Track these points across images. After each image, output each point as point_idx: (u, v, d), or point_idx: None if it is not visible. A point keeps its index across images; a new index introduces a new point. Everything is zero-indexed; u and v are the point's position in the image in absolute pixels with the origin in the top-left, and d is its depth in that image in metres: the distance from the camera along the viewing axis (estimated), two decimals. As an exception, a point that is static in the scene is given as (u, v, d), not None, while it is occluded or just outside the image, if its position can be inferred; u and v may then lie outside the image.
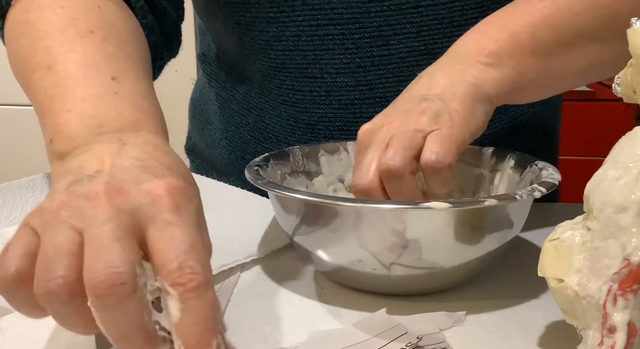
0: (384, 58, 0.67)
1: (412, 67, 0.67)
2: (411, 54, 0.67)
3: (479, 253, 0.50)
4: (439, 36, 0.66)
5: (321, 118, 0.69)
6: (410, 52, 0.67)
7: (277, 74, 0.70)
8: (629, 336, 0.37)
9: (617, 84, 0.43)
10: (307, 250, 0.52)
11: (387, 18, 0.66)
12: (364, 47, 0.67)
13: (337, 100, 0.69)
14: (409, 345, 0.43)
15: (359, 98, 0.68)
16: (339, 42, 0.67)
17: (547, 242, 0.42)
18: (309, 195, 0.50)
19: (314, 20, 0.66)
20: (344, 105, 0.69)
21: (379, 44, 0.67)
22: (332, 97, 0.69)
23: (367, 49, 0.67)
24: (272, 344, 0.45)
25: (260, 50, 0.69)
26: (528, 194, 0.48)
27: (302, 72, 0.68)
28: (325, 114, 0.69)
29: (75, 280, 0.34)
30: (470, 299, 0.51)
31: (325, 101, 0.69)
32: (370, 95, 0.68)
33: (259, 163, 0.57)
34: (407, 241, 0.47)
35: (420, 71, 0.57)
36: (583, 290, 0.38)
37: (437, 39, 0.67)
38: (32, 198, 0.64)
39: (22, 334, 0.44)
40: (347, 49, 0.67)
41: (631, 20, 0.41)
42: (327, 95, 0.69)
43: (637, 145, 0.38)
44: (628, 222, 0.37)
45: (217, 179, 0.80)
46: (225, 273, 0.55)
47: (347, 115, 0.69)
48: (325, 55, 0.67)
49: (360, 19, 0.66)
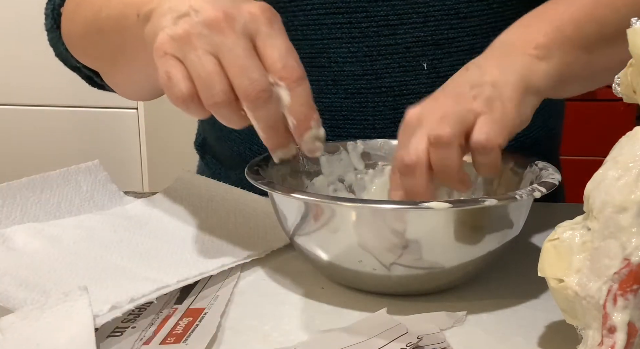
0: (391, 47, 0.68)
1: (418, 57, 0.68)
2: (417, 44, 0.68)
3: (479, 253, 0.50)
4: (445, 27, 0.67)
5: (327, 107, 0.70)
6: (416, 41, 0.67)
7: None
8: (629, 336, 0.37)
9: (617, 84, 0.43)
10: (307, 250, 0.52)
11: (394, 7, 0.67)
12: (371, 36, 0.67)
13: (344, 89, 0.69)
14: (409, 345, 0.43)
15: (365, 87, 0.69)
16: (347, 30, 0.68)
17: (547, 242, 0.42)
18: (309, 195, 0.50)
19: (323, 8, 0.67)
20: (350, 95, 0.70)
21: (386, 33, 0.67)
22: (338, 86, 0.69)
23: (374, 38, 0.68)
24: (272, 344, 0.45)
25: None
26: (528, 194, 0.48)
27: (310, 61, 0.69)
28: (332, 104, 0.70)
29: (229, 90, 0.48)
30: (470, 299, 0.51)
31: (332, 90, 0.70)
32: (376, 84, 0.69)
33: (259, 163, 0.57)
34: (407, 241, 0.47)
35: (426, 61, 0.58)
36: (583, 289, 0.38)
37: (443, 29, 0.67)
38: (32, 198, 0.64)
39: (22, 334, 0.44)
40: (354, 37, 0.68)
41: (631, 20, 0.41)
42: (333, 84, 0.69)
43: (637, 145, 0.38)
44: (628, 222, 0.37)
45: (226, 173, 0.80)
46: (225, 273, 0.54)
47: (353, 104, 0.70)
48: (333, 44, 0.68)
49: (368, 8, 0.67)
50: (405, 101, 0.69)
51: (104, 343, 0.44)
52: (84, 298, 0.45)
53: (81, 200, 0.66)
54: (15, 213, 0.62)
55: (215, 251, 0.57)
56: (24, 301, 0.48)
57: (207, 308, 0.49)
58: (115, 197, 0.69)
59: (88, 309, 0.44)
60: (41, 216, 0.63)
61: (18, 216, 0.62)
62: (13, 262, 0.55)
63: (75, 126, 1.85)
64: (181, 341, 0.44)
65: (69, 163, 0.68)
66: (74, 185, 0.66)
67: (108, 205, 0.67)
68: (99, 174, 0.68)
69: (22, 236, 0.59)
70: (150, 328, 0.46)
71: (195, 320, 0.47)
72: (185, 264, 0.54)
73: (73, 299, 0.45)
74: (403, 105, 0.69)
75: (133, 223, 0.63)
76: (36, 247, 0.58)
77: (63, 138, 1.85)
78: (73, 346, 0.42)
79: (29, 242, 0.58)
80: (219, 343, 0.45)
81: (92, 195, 0.67)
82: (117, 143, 1.83)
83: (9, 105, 1.87)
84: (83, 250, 0.57)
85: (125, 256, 0.56)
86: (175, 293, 0.51)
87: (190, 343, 0.44)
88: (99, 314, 0.45)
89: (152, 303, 0.49)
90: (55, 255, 0.56)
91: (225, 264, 0.55)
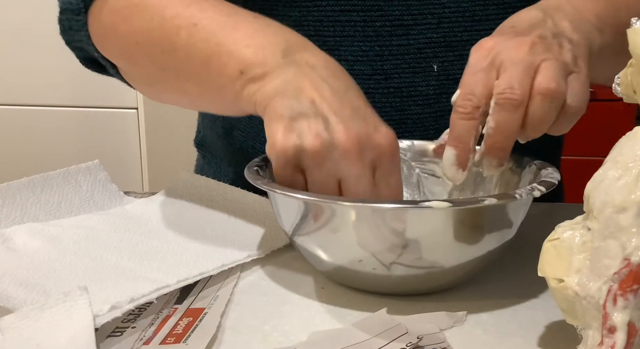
0: (403, 48, 0.68)
1: (429, 58, 0.68)
2: (429, 45, 0.68)
3: (479, 253, 0.50)
4: (458, 29, 0.67)
5: None
6: (429, 43, 0.68)
7: None
8: (629, 336, 0.37)
9: (617, 84, 0.43)
10: (307, 250, 0.52)
11: (409, 7, 0.67)
12: (384, 36, 0.67)
13: None
14: (409, 345, 0.43)
15: (373, 87, 0.69)
16: (360, 29, 0.67)
17: (547, 242, 0.42)
18: (308, 194, 0.50)
19: (337, 5, 0.67)
20: None
21: (399, 33, 0.67)
22: None
23: (386, 38, 0.68)
24: (272, 344, 0.45)
25: None
26: (527, 193, 0.48)
27: None
28: None
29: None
30: (470, 299, 0.51)
31: None
32: (385, 85, 0.69)
33: (259, 163, 0.57)
34: (407, 241, 0.47)
35: (437, 63, 0.59)
36: (583, 289, 0.38)
37: (456, 31, 0.67)
38: (32, 198, 0.64)
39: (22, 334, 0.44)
40: (367, 36, 0.68)
41: (631, 20, 0.41)
42: None
43: (637, 145, 0.38)
44: (628, 222, 0.37)
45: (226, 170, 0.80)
46: (225, 273, 0.54)
47: None
48: (345, 42, 0.68)
49: (383, 7, 0.67)
50: (412, 103, 0.69)
51: (104, 343, 0.44)
52: (84, 298, 0.45)
53: (81, 200, 0.66)
54: (15, 213, 0.62)
55: (215, 251, 0.57)
56: (24, 301, 0.48)
57: (207, 308, 0.49)
58: (115, 197, 0.69)
59: (88, 309, 0.44)
60: (41, 216, 0.63)
61: (18, 216, 0.62)
62: (13, 262, 0.55)
63: (75, 126, 1.85)
64: (181, 341, 0.44)
65: (69, 163, 0.68)
66: (74, 185, 0.67)
67: (108, 205, 0.67)
68: (99, 174, 0.69)
69: (22, 236, 0.59)
70: (150, 328, 0.46)
71: (195, 320, 0.47)
72: (185, 264, 0.54)
73: (73, 299, 0.45)
74: (410, 107, 0.69)
75: (133, 223, 0.63)
76: (36, 247, 0.58)
77: (63, 138, 1.85)
78: (73, 346, 0.42)
79: (29, 242, 0.58)
80: (219, 343, 0.45)
81: (92, 195, 0.67)
82: (117, 143, 1.83)
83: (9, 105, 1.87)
84: (83, 250, 0.57)
85: (125, 256, 0.56)
86: (175, 293, 0.51)
87: (190, 343, 0.44)
88: (99, 314, 0.45)
89: (152, 303, 0.49)
90: (55, 255, 0.56)
91: (225, 264, 0.55)
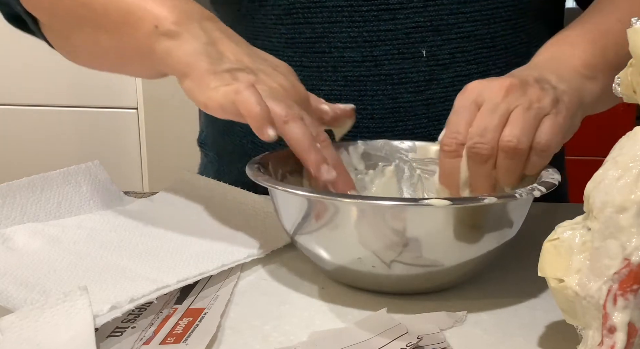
0: (390, 33, 0.68)
1: (417, 43, 0.68)
2: (417, 30, 0.68)
3: (479, 252, 0.50)
4: (444, 12, 0.68)
5: (327, 95, 0.70)
6: (415, 27, 0.68)
7: (286, 50, 0.71)
8: (629, 336, 0.37)
9: (617, 84, 0.43)
10: (308, 248, 0.52)
11: None
12: (371, 20, 0.68)
13: (343, 76, 0.70)
14: (409, 345, 0.43)
15: (364, 74, 0.69)
16: (347, 14, 0.68)
17: (547, 242, 0.42)
18: (309, 191, 0.50)
19: None
20: (349, 82, 0.70)
21: (386, 17, 0.68)
22: (338, 73, 0.70)
23: (374, 23, 0.68)
24: (272, 344, 0.45)
25: (271, 25, 0.71)
26: (527, 193, 0.48)
27: (310, 46, 0.70)
28: (331, 91, 0.70)
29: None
30: (470, 299, 0.51)
31: (332, 77, 0.70)
32: (375, 71, 0.69)
33: (260, 161, 0.57)
34: (407, 239, 0.47)
35: (425, 48, 0.59)
36: (583, 289, 0.38)
37: (442, 14, 0.68)
38: (32, 198, 0.64)
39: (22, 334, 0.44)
40: (354, 21, 0.68)
41: (631, 20, 0.41)
42: (333, 71, 0.70)
43: (637, 145, 0.38)
44: (628, 222, 0.37)
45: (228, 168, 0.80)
46: (225, 273, 0.54)
47: (352, 92, 0.70)
48: (334, 28, 0.69)
49: None
50: (404, 90, 0.69)
51: (104, 343, 0.44)
52: (84, 298, 0.45)
53: (81, 200, 0.66)
54: (15, 213, 0.62)
55: (215, 251, 0.57)
56: (24, 301, 0.48)
57: (207, 308, 0.49)
58: (115, 197, 0.69)
59: (88, 309, 0.44)
60: (41, 216, 0.63)
61: (18, 216, 0.62)
62: (13, 262, 0.55)
63: (75, 126, 1.85)
64: (181, 341, 0.44)
65: (69, 163, 0.68)
66: (74, 185, 0.66)
67: (108, 205, 0.67)
68: (99, 174, 0.69)
69: (22, 236, 0.59)
70: (150, 328, 0.46)
71: (195, 320, 0.47)
72: (185, 264, 0.54)
73: (73, 300, 0.45)
74: (401, 94, 0.70)
75: (133, 223, 0.63)
76: (36, 247, 0.58)
77: (63, 138, 1.85)
78: (73, 346, 0.42)
79: (29, 242, 0.58)
80: (219, 343, 0.45)
81: (92, 195, 0.67)
82: (117, 143, 1.83)
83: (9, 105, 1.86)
84: (83, 250, 0.57)
85: (125, 256, 0.56)
86: (175, 293, 0.51)
87: (190, 343, 0.44)
88: (99, 314, 0.45)
89: (152, 303, 0.49)
90: (55, 255, 0.56)
91: (225, 264, 0.55)
